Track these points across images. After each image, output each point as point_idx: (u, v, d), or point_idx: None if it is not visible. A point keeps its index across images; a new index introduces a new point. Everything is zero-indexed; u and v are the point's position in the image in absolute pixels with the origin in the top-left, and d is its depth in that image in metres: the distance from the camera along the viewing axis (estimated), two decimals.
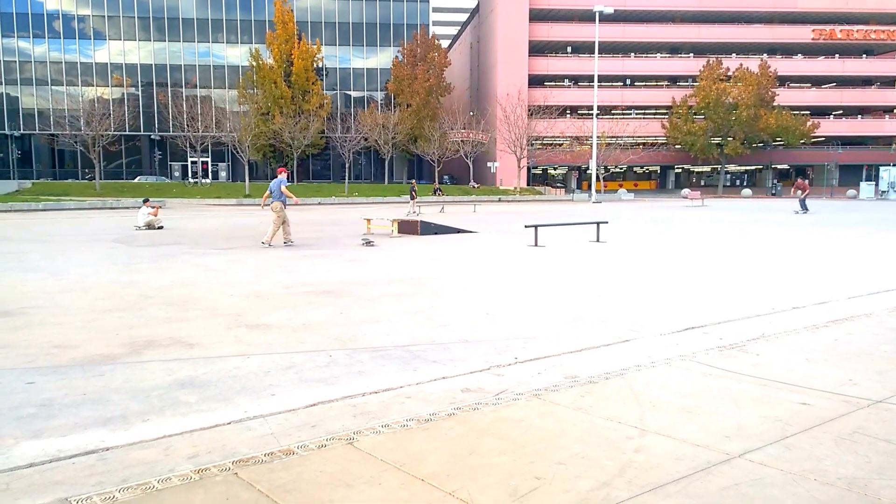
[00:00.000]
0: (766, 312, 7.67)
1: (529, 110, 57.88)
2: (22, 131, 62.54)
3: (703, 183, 74.96)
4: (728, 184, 72.87)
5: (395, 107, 62.73)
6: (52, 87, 63.22)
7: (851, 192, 58.67)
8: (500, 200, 50.05)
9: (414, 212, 32.80)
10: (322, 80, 63.64)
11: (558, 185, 70.96)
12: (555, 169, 74.41)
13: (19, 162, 60.99)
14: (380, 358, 5.75)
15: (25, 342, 6.29)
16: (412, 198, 35.13)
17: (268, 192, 16.50)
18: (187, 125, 54.20)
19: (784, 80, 67.42)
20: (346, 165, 57.20)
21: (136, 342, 6.28)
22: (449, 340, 6.39)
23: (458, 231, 19.72)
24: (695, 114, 64.45)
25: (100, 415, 4.36)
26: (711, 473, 3.34)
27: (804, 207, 33.02)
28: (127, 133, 60.22)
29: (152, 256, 13.76)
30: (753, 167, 75.81)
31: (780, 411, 4.28)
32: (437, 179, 60.13)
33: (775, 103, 63.83)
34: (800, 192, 33.72)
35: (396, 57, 64.90)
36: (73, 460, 3.63)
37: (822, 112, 70.45)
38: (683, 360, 5.54)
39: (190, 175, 62.86)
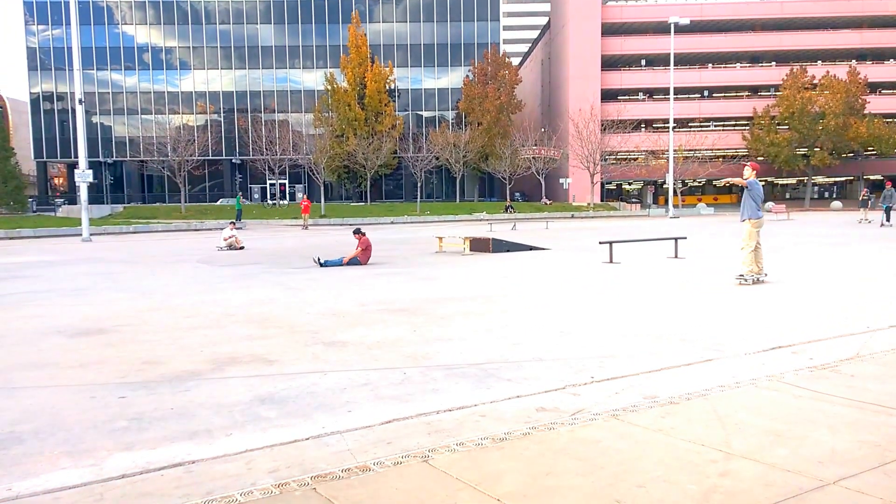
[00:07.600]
0: (860, 331, 7.25)
1: (602, 125, 57.12)
2: (114, 158, 66.38)
3: (788, 196, 71.86)
4: (815, 196, 69.60)
5: (465, 125, 63.16)
6: (142, 116, 67.04)
7: None
8: (572, 217, 49.40)
9: (866, 219, 33.99)
10: (394, 101, 64.87)
11: (633, 200, 69.56)
12: (629, 184, 73.03)
13: (111, 187, 64.63)
14: (453, 376, 5.74)
15: (118, 358, 6.62)
16: (866, 206, 35.92)
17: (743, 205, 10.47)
18: (266, 148, 56.21)
19: (875, 87, 64.07)
20: (418, 184, 57.89)
21: (219, 359, 6.50)
22: (522, 358, 6.32)
23: (531, 248, 19.57)
24: (778, 124, 62.02)
25: (186, 429, 4.52)
26: (804, 500, 3.16)
27: None
28: (210, 157, 63.01)
29: (234, 276, 14.25)
30: (843, 178, 72.14)
31: (878, 436, 4.02)
32: (508, 197, 60.05)
33: (866, 111, 60.77)
34: None
35: (467, 76, 65.43)
36: (161, 472, 3.77)
37: None
38: (770, 381, 5.28)
39: (269, 197, 65.05)
